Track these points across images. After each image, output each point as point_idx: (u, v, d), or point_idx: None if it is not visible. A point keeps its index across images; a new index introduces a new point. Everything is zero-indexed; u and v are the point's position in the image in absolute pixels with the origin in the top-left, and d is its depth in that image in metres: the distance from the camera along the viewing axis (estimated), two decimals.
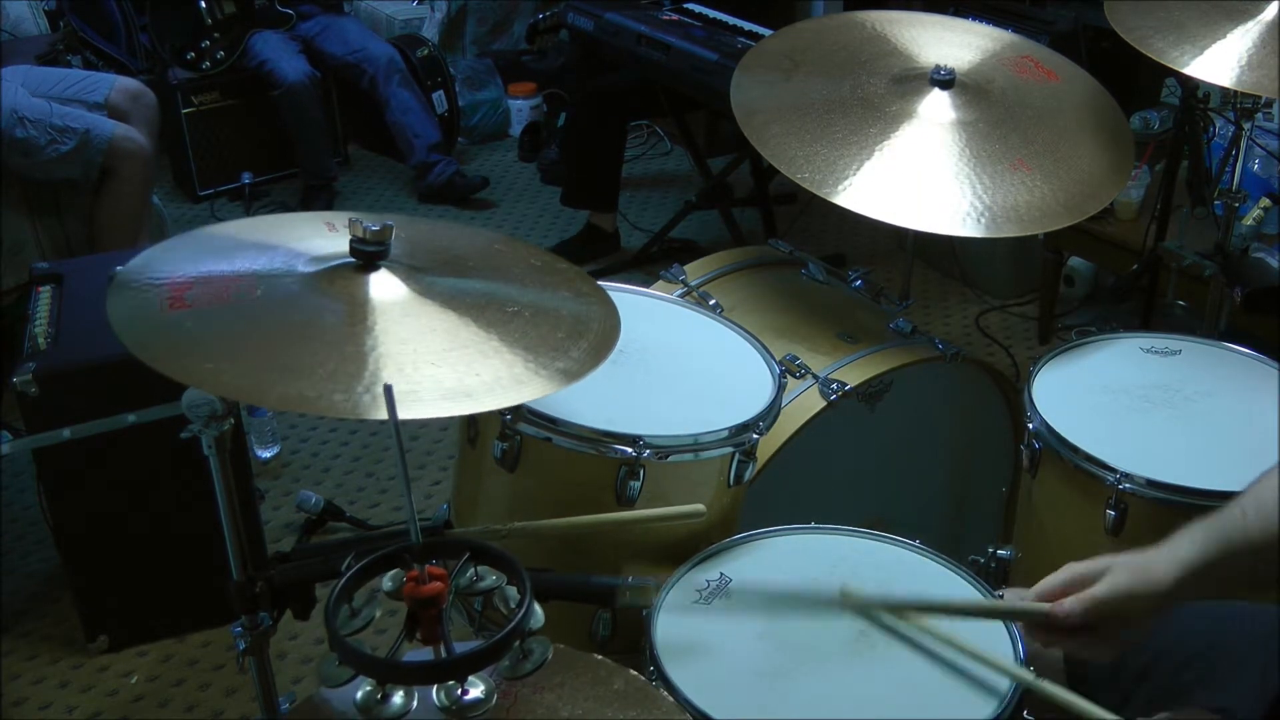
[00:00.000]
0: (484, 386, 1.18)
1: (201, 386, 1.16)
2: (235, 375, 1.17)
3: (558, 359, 1.26)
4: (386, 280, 1.28)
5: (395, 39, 4.70)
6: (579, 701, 1.30)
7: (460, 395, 1.16)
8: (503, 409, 1.67)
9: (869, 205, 1.85)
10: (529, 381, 1.22)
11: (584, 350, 1.29)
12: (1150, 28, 2.03)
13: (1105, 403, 1.84)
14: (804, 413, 1.93)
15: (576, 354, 1.28)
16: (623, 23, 3.58)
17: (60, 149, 3.13)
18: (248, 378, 1.16)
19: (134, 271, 1.30)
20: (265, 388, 1.15)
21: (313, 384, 1.14)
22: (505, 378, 1.20)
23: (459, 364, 1.19)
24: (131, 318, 1.23)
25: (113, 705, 2.29)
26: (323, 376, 1.15)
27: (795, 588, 1.46)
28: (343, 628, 1.08)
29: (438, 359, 1.19)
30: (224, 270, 1.30)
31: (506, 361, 1.22)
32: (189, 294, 1.26)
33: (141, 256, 1.34)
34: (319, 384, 1.14)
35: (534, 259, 1.52)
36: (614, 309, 1.42)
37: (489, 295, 1.33)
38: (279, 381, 1.15)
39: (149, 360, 1.16)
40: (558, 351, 1.27)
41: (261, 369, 1.17)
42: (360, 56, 4.36)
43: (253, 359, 1.19)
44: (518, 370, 1.22)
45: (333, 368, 1.16)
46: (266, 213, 4.31)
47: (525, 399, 1.23)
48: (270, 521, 2.74)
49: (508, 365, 1.22)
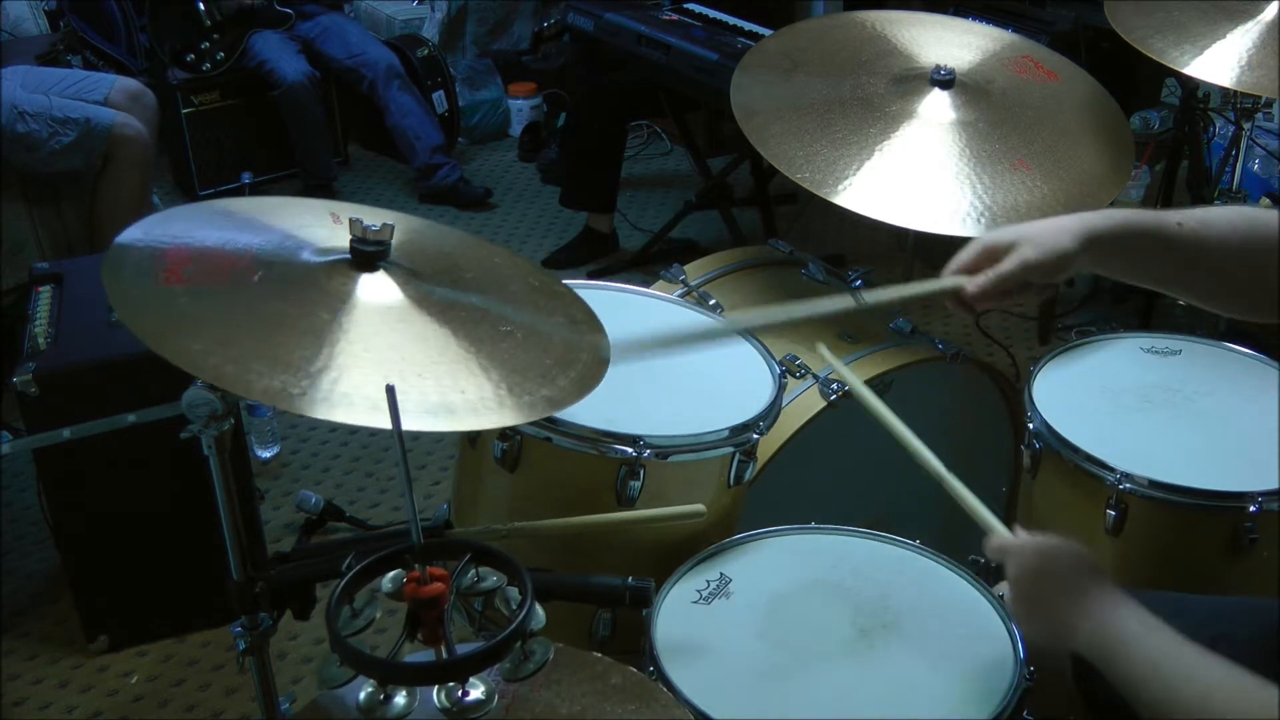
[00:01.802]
0: (467, 405, 1.17)
1: (185, 366, 1.14)
2: (222, 361, 1.15)
3: (543, 386, 1.25)
4: (383, 283, 1.27)
5: (395, 39, 4.70)
6: (577, 698, 1.30)
7: (443, 411, 1.16)
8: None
9: (869, 205, 1.85)
10: (511, 406, 1.21)
11: (570, 380, 1.28)
12: (1150, 28, 2.03)
13: (1105, 403, 1.84)
14: (804, 413, 1.94)
15: (563, 383, 1.27)
16: (623, 23, 3.58)
17: (62, 140, 3.13)
18: (234, 365, 1.15)
19: (136, 236, 1.29)
20: (251, 378, 1.14)
21: (298, 381, 1.14)
22: (490, 399, 1.19)
23: (445, 378, 1.19)
24: (127, 286, 1.22)
25: (113, 705, 2.29)
26: (308, 374, 1.14)
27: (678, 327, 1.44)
28: (343, 628, 1.08)
29: (424, 370, 1.19)
30: (225, 246, 1.29)
31: (493, 381, 1.21)
32: (187, 269, 1.25)
33: (145, 222, 1.33)
34: (303, 381, 1.14)
35: (533, 278, 1.51)
36: (606, 342, 1.42)
37: (484, 311, 1.32)
38: (266, 373, 1.14)
39: (139, 333, 1.16)
40: (544, 379, 1.26)
41: (249, 358, 1.16)
42: (359, 61, 4.36)
43: (241, 347, 1.18)
44: (503, 393, 1.21)
45: (320, 366, 1.15)
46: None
47: (505, 423, 1.22)
48: (270, 521, 2.74)
49: (493, 386, 1.21)
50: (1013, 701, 1.36)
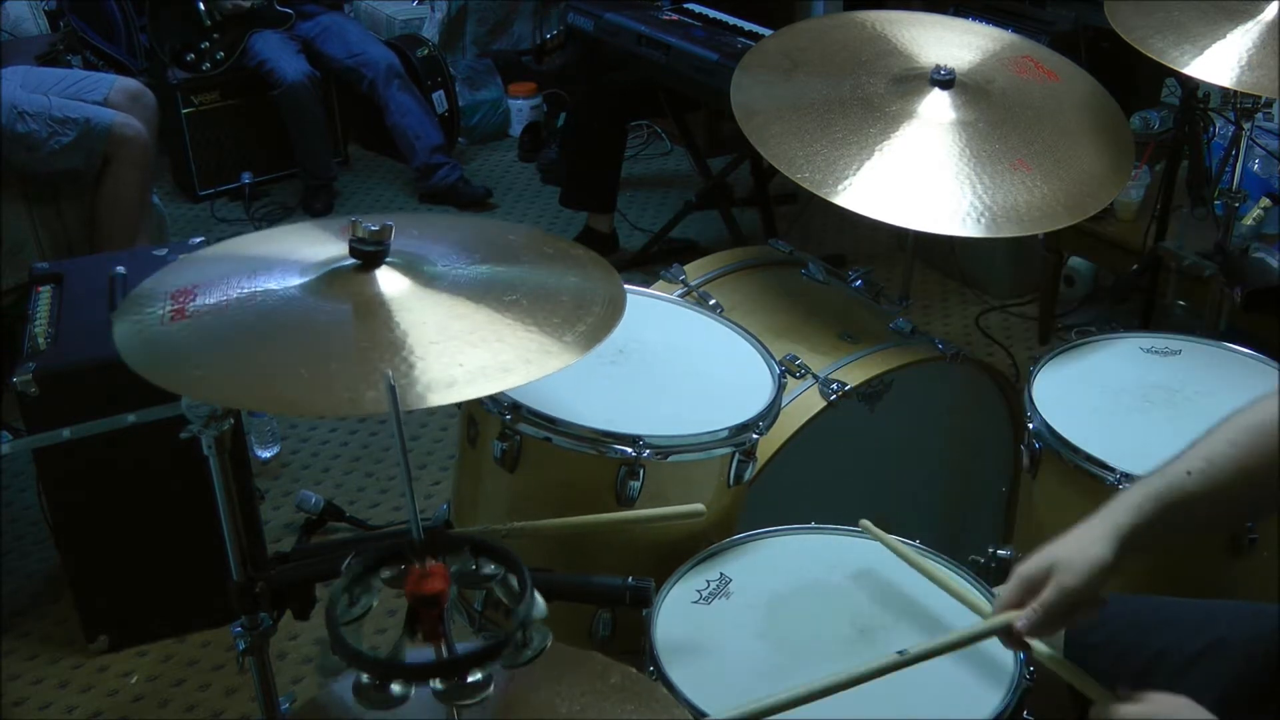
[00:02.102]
0: (466, 376, 1.16)
1: (194, 395, 1.15)
2: (221, 381, 1.16)
3: (548, 345, 1.23)
4: (387, 277, 1.27)
5: (395, 39, 4.70)
6: (576, 697, 1.30)
7: (441, 385, 1.15)
8: (503, 409, 1.67)
9: (869, 205, 1.85)
10: (516, 368, 1.20)
11: (578, 335, 1.26)
12: (1150, 28, 2.03)
13: (1105, 403, 1.84)
14: (804, 413, 1.93)
15: (570, 339, 1.25)
16: (622, 23, 3.58)
17: (62, 140, 3.13)
18: (234, 381, 1.16)
19: (146, 289, 1.31)
20: (258, 390, 1.15)
21: (295, 385, 1.14)
22: (490, 366, 1.18)
23: (443, 355, 1.18)
24: (132, 334, 1.23)
25: (113, 705, 2.29)
26: (308, 377, 1.14)
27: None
28: (341, 616, 1.08)
29: (424, 350, 1.18)
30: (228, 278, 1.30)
31: (493, 350, 1.21)
32: (190, 305, 1.26)
33: (156, 276, 1.34)
34: (303, 385, 1.13)
35: (548, 247, 1.50)
36: (620, 288, 1.39)
37: (488, 283, 1.31)
38: (261, 384, 1.15)
39: (145, 374, 1.17)
40: (550, 337, 1.25)
41: (248, 370, 1.16)
42: (359, 60, 4.36)
43: (244, 362, 1.18)
44: (505, 358, 1.20)
45: (319, 369, 1.15)
46: (266, 212, 4.32)
47: (511, 385, 1.21)
48: (270, 521, 2.74)
49: (493, 354, 1.20)
50: (1013, 701, 1.36)
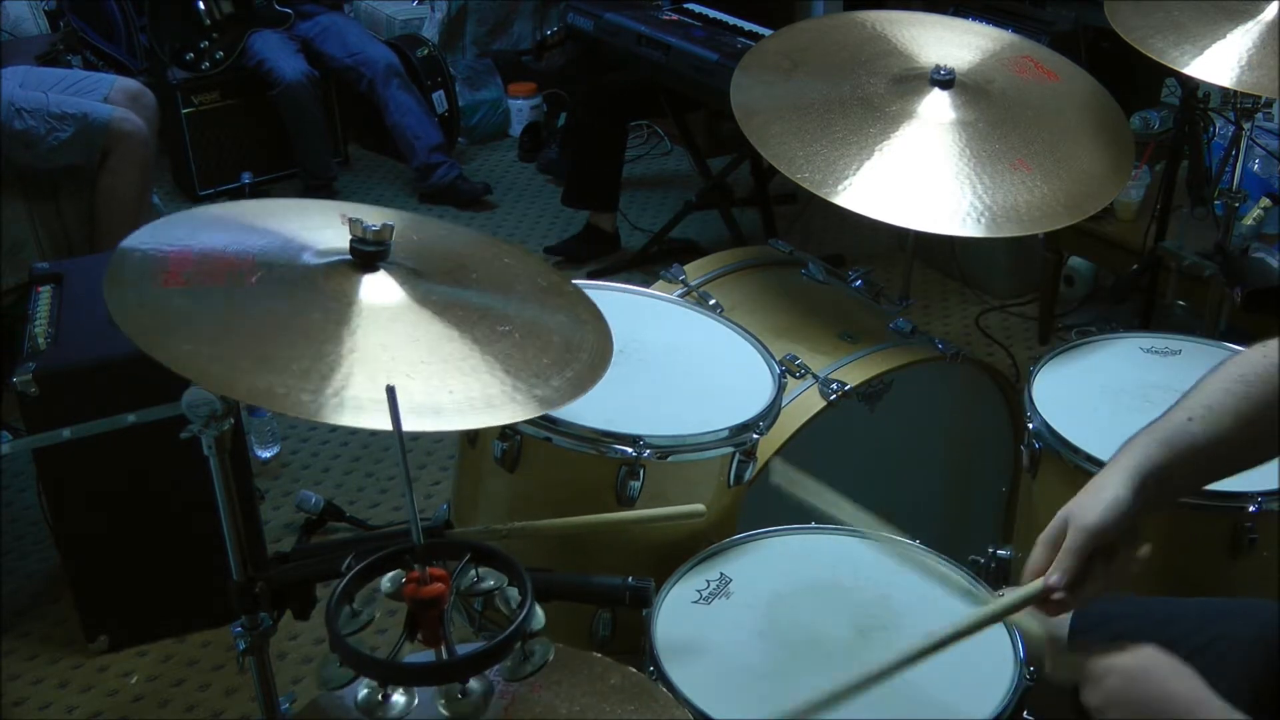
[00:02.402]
0: (454, 405, 1.16)
1: (174, 367, 1.14)
2: (209, 360, 1.15)
3: (536, 386, 1.23)
4: (382, 282, 1.26)
5: (395, 39, 4.70)
6: (576, 698, 1.30)
7: (428, 411, 1.14)
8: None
9: (869, 205, 1.85)
10: (502, 405, 1.19)
11: (565, 381, 1.27)
12: (1150, 28, 2.03)
13: (1105, 403, 1.84)
14: (804, 413, 1.93)
15: (558, 383, 1.25)
16: (622, 23, 3.58)
17: (60, 136, 3.13)
18: (222, 364, 1.15)
19: (141, 240, 1.29)
20: (237, 377, 1.13)
21: (284, 380, 1.13)
22: (478, 398, 1.18)
23: (434, 378, 1.18)
24: (125, 289, 1.22)
25: (113, 705, 2.29)
26: (295, 374, 1.13)
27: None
28: (344, 628, 1.08)
29: (413, 370, 1.18)
30: (227, 249, 1.29)
31: (483, 382, 1.20)
32: (186, 271, 1.24)
33: (150, 226, 1.33)
34: (290, 381, 1.13)
35: (542, 278, 1.50)
36: (609, 339, 1.40)
37: (484, 310, 1.31)
38: (251, 372, 1.14)
39: (131, 334, 1.16)
40: (538, 379, 1.24)
41: (238, 357, 1.15)
42: (359, 60, 4.36)
43: (231, 346, 1.17)
44: (493, 392, 1.19)
45: (306, 365, 1.15)
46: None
47: (487, 424, 1.20)
48: (270, 521, 2.74)
49: (483, 386, 1.19)
50: (1013, 701, 1.36)
